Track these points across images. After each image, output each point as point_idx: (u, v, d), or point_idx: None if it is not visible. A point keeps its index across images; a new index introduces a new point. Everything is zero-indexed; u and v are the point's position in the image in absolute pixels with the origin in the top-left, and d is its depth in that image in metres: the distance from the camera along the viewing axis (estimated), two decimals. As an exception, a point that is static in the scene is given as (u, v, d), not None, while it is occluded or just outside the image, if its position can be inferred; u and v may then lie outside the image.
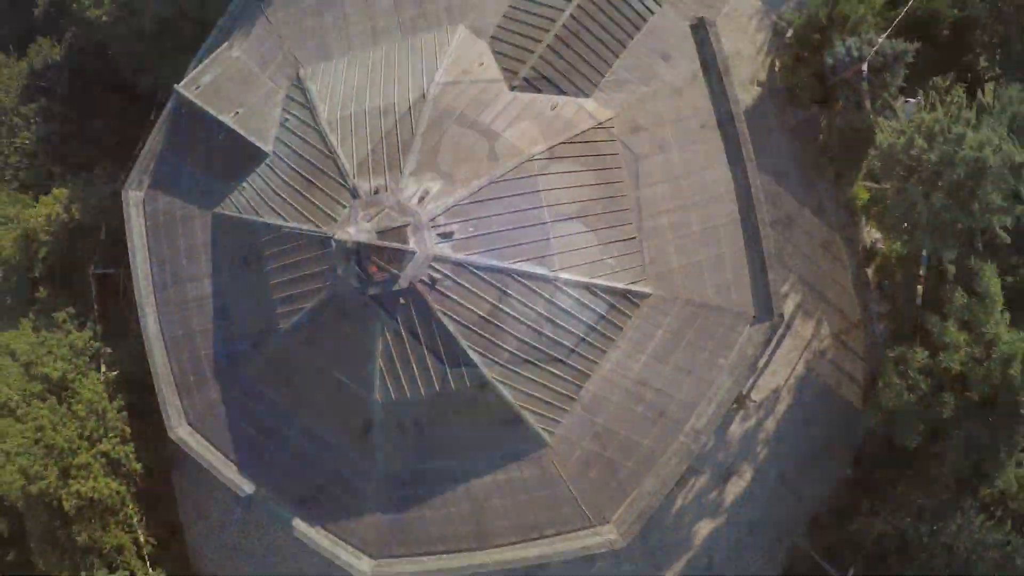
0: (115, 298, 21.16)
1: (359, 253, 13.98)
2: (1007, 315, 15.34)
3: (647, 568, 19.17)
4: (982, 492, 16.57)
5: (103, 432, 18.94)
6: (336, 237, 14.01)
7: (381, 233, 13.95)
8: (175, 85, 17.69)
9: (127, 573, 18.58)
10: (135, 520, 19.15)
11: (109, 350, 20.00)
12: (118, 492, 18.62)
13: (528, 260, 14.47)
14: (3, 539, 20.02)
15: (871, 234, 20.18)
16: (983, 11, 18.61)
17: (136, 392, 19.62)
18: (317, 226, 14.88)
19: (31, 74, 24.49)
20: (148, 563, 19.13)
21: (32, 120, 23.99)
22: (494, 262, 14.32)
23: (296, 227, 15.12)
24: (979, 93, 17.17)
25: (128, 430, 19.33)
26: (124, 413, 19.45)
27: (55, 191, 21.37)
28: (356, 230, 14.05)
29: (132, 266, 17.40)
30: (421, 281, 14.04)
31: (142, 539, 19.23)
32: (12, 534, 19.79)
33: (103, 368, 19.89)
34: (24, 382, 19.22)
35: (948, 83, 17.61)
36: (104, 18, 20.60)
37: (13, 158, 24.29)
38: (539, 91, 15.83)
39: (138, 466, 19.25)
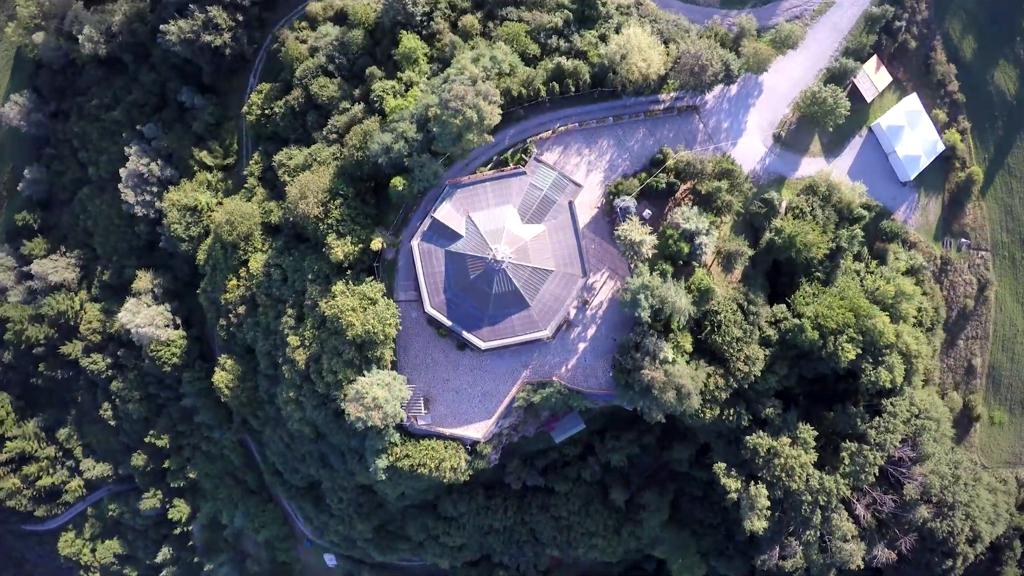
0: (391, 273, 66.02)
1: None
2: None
3: (561, 353, 63.86)
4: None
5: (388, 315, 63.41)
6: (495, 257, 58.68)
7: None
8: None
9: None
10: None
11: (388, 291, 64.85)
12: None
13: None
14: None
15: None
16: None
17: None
18: (478, 255, 59.62)
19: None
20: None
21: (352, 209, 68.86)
22: (525, 263, 59.22)
23: (473, 254, 59.81)
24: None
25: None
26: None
27: (374, 238, 65.69)
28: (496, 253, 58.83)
29: (416, 265, 62.02)
30: (503, 264, 58.68)
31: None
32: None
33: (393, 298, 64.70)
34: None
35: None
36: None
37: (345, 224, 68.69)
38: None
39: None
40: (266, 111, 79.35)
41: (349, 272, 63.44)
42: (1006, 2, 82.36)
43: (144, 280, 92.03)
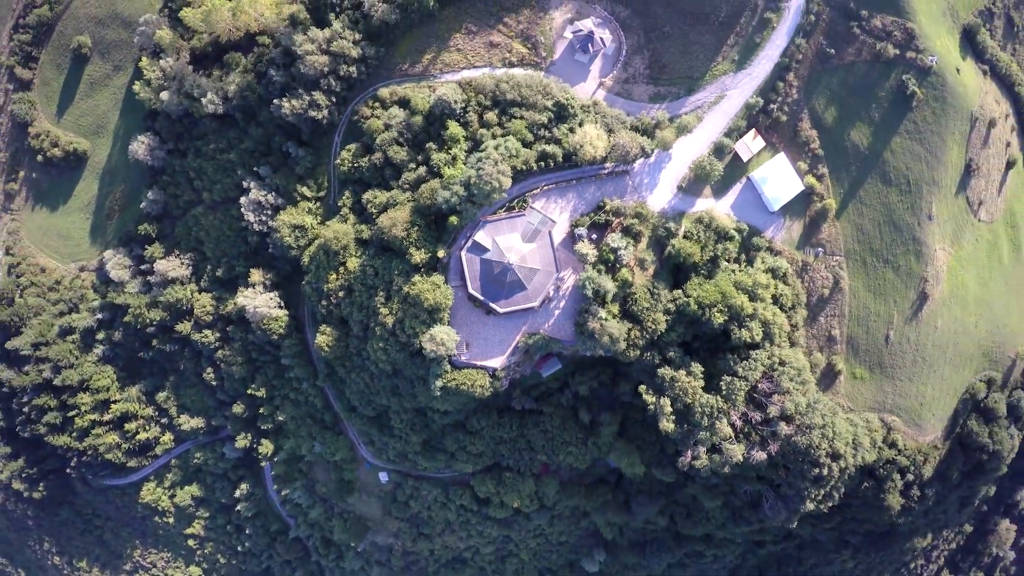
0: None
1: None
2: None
3: (545, 316, 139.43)
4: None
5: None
6: (508, 262, 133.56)
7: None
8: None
9: None
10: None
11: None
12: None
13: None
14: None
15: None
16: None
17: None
18: (498, 260, 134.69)
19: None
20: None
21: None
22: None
23: (496, 260, 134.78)
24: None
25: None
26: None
27: (439, 250, 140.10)
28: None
29: (463, 265, 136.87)
30: (512, 265, 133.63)
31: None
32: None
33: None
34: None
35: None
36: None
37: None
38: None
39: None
40: (354, 164, 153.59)
41: (422, 269, 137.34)
42: (864, 79, 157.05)
43: (257, 275, 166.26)
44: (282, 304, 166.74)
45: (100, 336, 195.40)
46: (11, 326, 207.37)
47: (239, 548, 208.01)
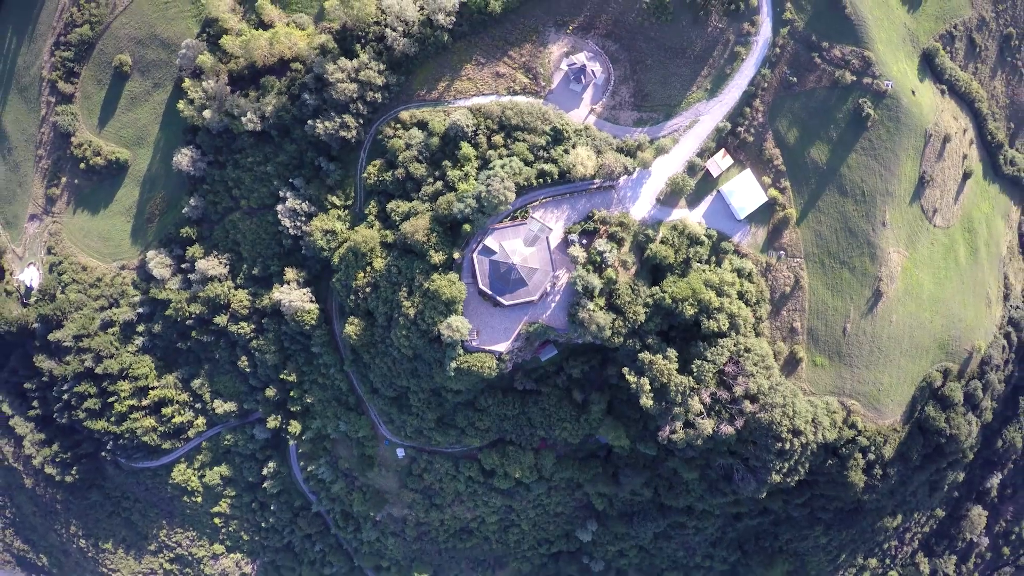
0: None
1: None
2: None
3: (542, 308, 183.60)
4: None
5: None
6: (511, 262, 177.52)
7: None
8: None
9: None
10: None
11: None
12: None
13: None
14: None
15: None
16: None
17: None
18: (504, 262, 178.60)
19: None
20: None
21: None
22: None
23: (503, 261, 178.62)
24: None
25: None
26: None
27: (454, 252, 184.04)
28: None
29: (475, 265, 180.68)
30: (516, 265, 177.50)
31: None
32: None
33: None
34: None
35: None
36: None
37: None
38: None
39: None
40: (379, 178, 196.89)
41: (440, 268, 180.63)
42: (823, 103, 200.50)
43: (291, 273, 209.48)
44: (313, 299, 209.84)
45: (140, 329, 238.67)
46: (53, 319, 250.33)
47: (262, 524, 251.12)
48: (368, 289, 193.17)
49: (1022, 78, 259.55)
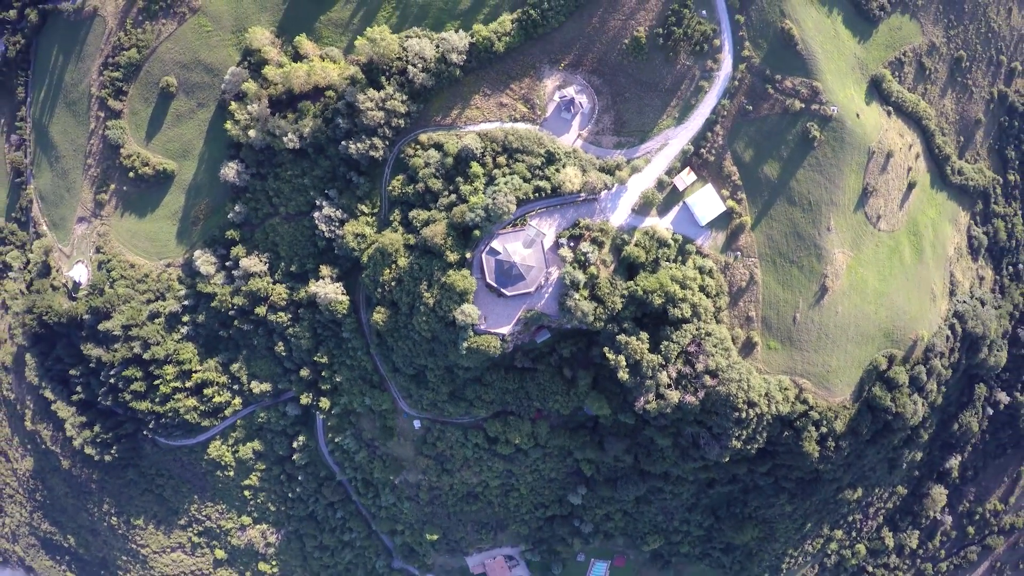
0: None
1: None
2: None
3: (538, 298, 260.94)
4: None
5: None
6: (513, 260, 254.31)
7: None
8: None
9: None
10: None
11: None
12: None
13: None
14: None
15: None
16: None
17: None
18: (508, 260, 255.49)
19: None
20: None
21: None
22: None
23: (506, 260, 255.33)
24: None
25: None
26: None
27: (466, 252, 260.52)
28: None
29: (483, 263, 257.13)
30: (517, 263, 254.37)
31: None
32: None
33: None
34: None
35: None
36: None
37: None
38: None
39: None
40: (402, 190, 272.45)
41: (454, 266, 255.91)
42: (775, 128, 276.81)
43: (326, 270, 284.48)
44: (344, 292, 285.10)
45: (185, 319, 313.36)
46: (102, 311, 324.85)
47: (289, 495, 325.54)
48: (393, 283, 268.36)
49: (972, 96, 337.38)
